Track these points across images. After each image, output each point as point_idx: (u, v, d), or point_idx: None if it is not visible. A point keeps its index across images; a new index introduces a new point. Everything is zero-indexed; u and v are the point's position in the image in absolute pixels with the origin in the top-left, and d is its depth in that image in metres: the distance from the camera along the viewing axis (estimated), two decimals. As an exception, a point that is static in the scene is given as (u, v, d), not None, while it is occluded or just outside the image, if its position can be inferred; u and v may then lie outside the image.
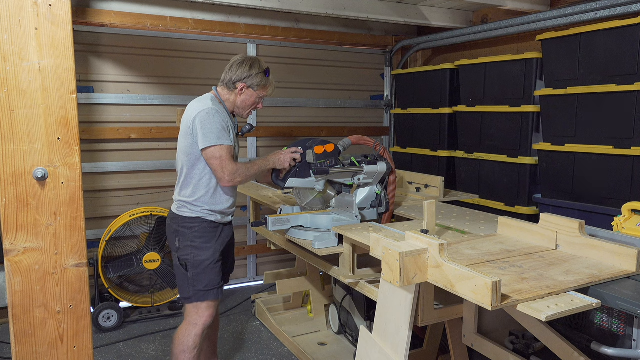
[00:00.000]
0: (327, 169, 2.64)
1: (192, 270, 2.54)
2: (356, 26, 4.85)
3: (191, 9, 4.12)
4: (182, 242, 2.56)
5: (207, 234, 2.56)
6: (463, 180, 4.12)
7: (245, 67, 2.61)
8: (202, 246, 2.55)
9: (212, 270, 2.56)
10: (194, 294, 2.55)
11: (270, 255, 4.88)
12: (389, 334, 1.87)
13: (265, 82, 2.67)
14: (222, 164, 2.46)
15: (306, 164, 2.68)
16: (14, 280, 1.70)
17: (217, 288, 2.58)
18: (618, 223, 2.35)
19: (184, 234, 2.56)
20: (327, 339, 3.56)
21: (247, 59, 2.66)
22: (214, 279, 2.57)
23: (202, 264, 2.54)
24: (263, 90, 2.68)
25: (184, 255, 2.56)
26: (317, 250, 2.54)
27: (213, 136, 2.44)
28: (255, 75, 2.62)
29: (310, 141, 2.72)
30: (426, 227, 2.29)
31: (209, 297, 2.56)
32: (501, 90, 3.73)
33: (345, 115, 5.06)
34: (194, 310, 2.56)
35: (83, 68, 3.93)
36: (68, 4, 1.69)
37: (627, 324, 1.83)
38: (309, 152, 2.67)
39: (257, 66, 2.63)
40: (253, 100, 2.68)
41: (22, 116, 1.66)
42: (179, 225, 2.57)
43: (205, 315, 2.57)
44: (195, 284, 2.54)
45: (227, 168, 2.46)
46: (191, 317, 2.57)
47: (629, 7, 3.01)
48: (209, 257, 2.56)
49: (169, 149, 4.30)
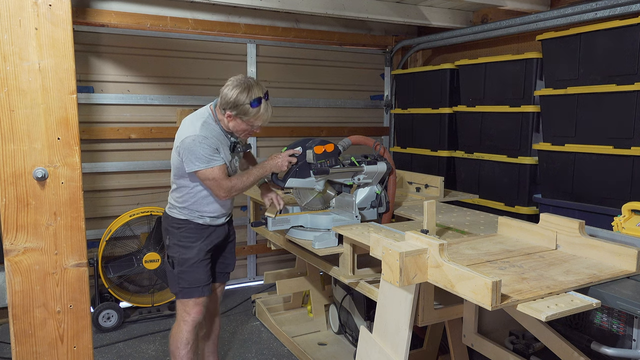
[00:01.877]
0: (327, 169, 2.64)
1: (178, 267, 2.60)
2: (356, 26, 4.85)
3: (191, 9, 4.12)
4: (171, 240, 2.63)
5: (195, 234, 2.61)
6: (463, 180, 4.12)
7: (234, 94, 2.42)
8: (188, 245, 2.60)
9: (197, 269, 2.60)
10: (179, 291, 2.61)
11: (270, 255, 4.88)
12: (389, 334, 1.87)
13: (254, 114, 2.45)
14: (216, 183, 2.47)
15: (306, 164, 2.68)
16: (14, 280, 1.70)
17: (202, 286, 2.61)
18: (618, 223, 2.35)
19: (173, 233, 2.62)
20: (327, 339, 3.56)
21: (238, 84, 2.44)
22: (200, 277, 2.61)
23: (187, 262, 2.59)
24: (253, 120, 2.49)
25: (171, 252, 2.63)
26: (317, 250, 2.54)
27: (202, 160, 2.43)
28: (241, 106, 2.42)
29: (310, 141, 2.72)
30: (426, 227, 2.29)
31: (193, 294, 2.60)
32: (501, 91, 3.73)
33: (345, 115, 5.06)
34: (182, 307, 2.63)
35: (83, 68, 3.93)
36: (68, 4, 1.69)
37: (627, 324, 1.83)
38: (309, 152, 2.67)
39: (245, 94, 2.41)
40: (244, 127, 2.52)
41: (22, 116, 1.66)
42: (168, 224, 2.65)
43: (193, 312, 2.62)
44: (180, 281, 2.60)
45: (223, 186, 2.48)
46: (180, 314, 2.64)
47: (629, 7, 3.01)
48: (194, 255, 2.60)
49: (169, 149, 4.24)
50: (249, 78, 2.51)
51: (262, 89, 2.48)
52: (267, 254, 4.83)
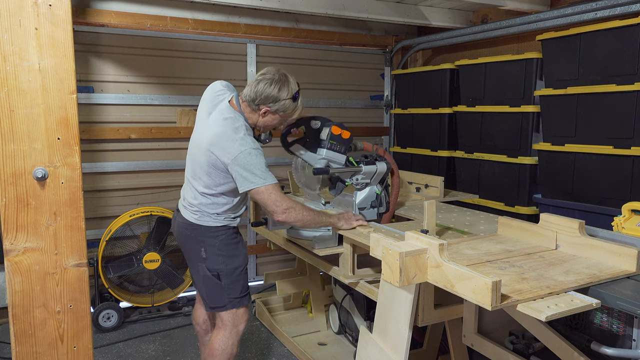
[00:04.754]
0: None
1: (226, 279, 2.43)
2: (356, 26, 4.85)
3: (191, 9, 4.12)
4: (210, 252, 2.42)
5: (234, 239, 2.47)
6: (463, 180, 4.12)
7: (274, 89, 2.31)
8: (233, 254, 2.45)
9: (244, 275, 2.49)
10: (229, 302, 2.45)
11: (270, 255, 4.87)
12: (389, 334, 1.87)
13: (293, 108, 2.38)
14: (274, 201, 2.25)
15: (317, 139, 2.64)
16: (14, 280, 1.70)
17: (248, 292, 2.52)
18: (618, 223, 2.35)
19: (210, 243, 2.41)
20: (327, 339, 3.56)
21: (278, 79, 2.33)
22: (246, 284, 2.51)
23: (236, 271, 2.44)
24: (290, 115, 2.42)
25: (214, 265, 2.42)
26: (317, 250, 2.54)
27: (259, 178, 2.22)
28: (283, 100, 2.32)
29: (330, 121, 2.67)
30: (426, 227, 2.29)
31: (244, 302, 2.48)
32: (501, 90, 3.73)
33: (345, 115, 5.06)
34: (232, 317, 2.47)
35: (83, 68, 3.93)
36: (68, 4, 1.69)
37: (627, 324, 1.83)
38: (326, 129, 2.61)
39: (286, 89, 2.33)
40: (277, 122, 2.43)
41: (22, 116, 1.66)
42: (202, 235, 2.42)
43: (244, 320, 2.51)
44: (230, 292, 2.44)
45: (281, 205, 2.26)
46: (231, 325, 2.48)
47: (629, 7, 3.01)
48: (241, 262, 2.47)
49: (169, 149, 4.30)
50: (281, 71, 2.38)
51: (295, 81, 2.41)
52: (267, 254, 4.83)
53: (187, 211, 2.46)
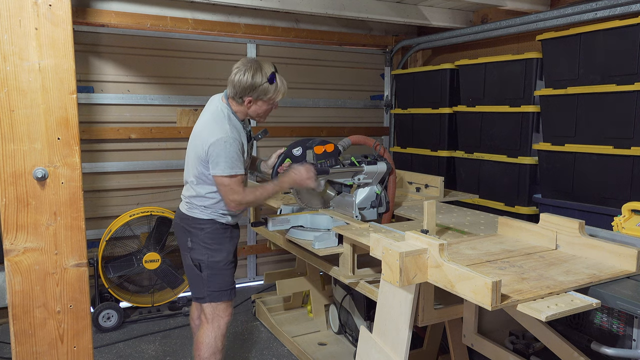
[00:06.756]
0: (327, 169, 2.64)
1: (207, 271, 2.51)
2: (356, 26, 4.85)
3: (191, 9, 4.12)
4: (195, 242, 2.52)
5: (221, 235, 2.54)
6: (463, 180, 4.12)
7: (247, 77, 2.40)
8: (216, 247, 2.52)
9: (226, 272, 2.55)
10: (208, 294, 2.52)
11: (270, 255, 4.88)
12: (389, 334, 1.87)
13: (274, 89, 2.47)
14: (231, 190, 2.39)
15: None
16: (14, 280, 1.70)
17: (230, 289, 2.56)
18: (618, 223, 2.35)
19: (195, 234, 2.52)
20: (327, 339, 3.56)
21: (249, 66, 2.43)
22: (228, 280, 2.55)
23: (217, 265, 2.51)
24: (274, 98, 2.51)
25: (197, 255, 2.52)
26: (317, 250, 2.54)
27: (226, 165, 2.35)
28: (260, 86, 2.42)
29: (310, 141, 2.72)
30: (426, 227, 2.29)
31: (222, 297, 2.54)
32: (501, 90, 3.73)
33: (345, 115, 5.06)
34: (212, 311, 2.54)
35: (83, 68, 3.93)
36: (68, 4, 1.69)
37: (627, 324, 1.83)
38: (309, 152, 2.66)
39: (259, 74, 2.41)
40: (265, 108, 2.54)
41: (22, 116, 1.66)
42: (189, 225, 2.53)
43: (225, 315, 2.56)
44: (209, 285, 2.51)
45: (236, 197, 2.40)
46: (212, 320, 2.55)
47: (629, 7, 3.01)
48: (223, 258, 2.53)
49: (168, 149, 4.30)
50: (252, 58, 2.48)
51: (270, 64, 2.48)
52: (267, 254, 4.83)
53: (182, 203, 2.63)
